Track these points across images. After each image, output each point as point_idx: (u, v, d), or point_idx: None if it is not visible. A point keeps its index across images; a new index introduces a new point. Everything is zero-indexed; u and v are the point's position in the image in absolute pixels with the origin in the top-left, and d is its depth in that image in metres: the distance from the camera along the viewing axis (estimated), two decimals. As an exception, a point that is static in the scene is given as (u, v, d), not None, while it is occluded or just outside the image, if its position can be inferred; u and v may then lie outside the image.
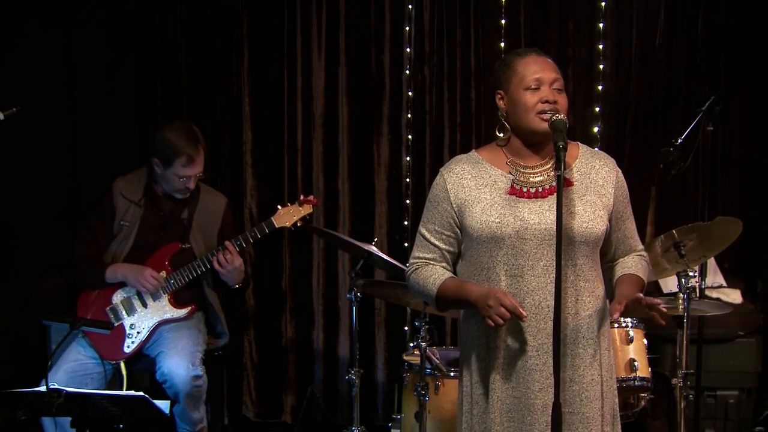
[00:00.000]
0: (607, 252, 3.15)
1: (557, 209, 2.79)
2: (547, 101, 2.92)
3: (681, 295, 4.40)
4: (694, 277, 4.46)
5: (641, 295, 2.89)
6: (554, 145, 2.86)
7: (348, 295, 4.70)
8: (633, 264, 3.12)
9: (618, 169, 3.10)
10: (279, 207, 4.71)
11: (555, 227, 2.83)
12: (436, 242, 3.06)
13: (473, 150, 3.15)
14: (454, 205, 3.01)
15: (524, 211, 2.95)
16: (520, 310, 2.82)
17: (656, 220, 5.86)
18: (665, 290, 5.41)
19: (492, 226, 2.93)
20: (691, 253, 4.42)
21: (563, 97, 2.97)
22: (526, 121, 2.96)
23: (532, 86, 2.93)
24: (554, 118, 2.90)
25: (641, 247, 3.20)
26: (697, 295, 4.69)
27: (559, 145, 2.84)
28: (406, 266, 3.19)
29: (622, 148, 5.88)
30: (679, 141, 4.72)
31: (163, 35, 5.93)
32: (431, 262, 3.07)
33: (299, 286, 6.07)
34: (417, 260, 3.11)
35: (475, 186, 3.00)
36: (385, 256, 4.72)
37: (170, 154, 4.61)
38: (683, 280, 4.38)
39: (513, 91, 2.98)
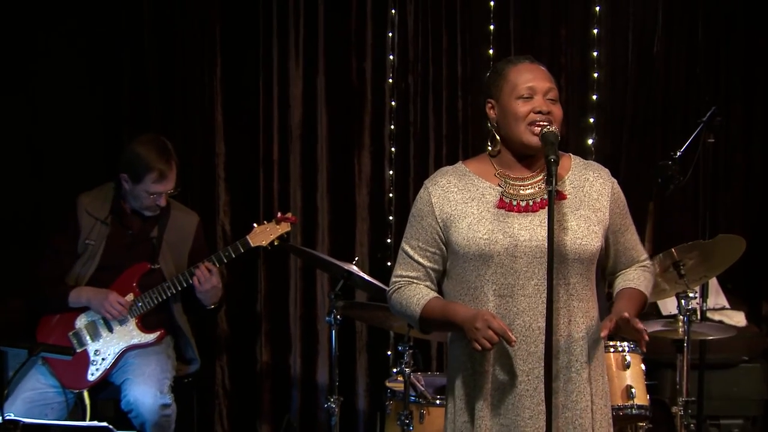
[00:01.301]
0: (608, 265, 3.15)
1: (548, 226, 2.78)
2: (540, 112, 2.91)
3: (681, 317, 4.41)
4: (695, 298, 4.46)
5: (627, 315, 2.88)
6: (545, 159, 2.87)
7: (327, 318, 4.67)
8: (635, 277, 3.11)
9: (613, 179, 3.09)
10: (255, 225, 4.70)
11: (544, 243, 2.82)
12: (420, 260, 3.04)
13: (460, 161, 3.09)
14: (440, 220, 2.99)
15: (514, 226, 2.93)
16: (509, 333, 2.79)
17: (654, 238, 5.87)
18: (664, 312, 5.42)
19: (480, 242, 2.90)
20: (692, 272, 4.43)
21: (558, 108, 2.97)
22: (517, 133, 2.95)
23: (525, 95, 2.93)
24: (545, 130, 2.90)
25: (645, 256, 3.19)
26: (699, 317, 4.68)
27: (550, 159, 2.83)
28: (388, 288, 3.14)
29: (618, 161, 5.90)
30: (678, 154, 4.74)
31: (130, 41, 5.89)
32: (414, 281, 3.05)
33: (275, 308, 6.04)
34: (399, 279, 3.05)
35: (462, 200, 2.98)
36: (366, 277, 4.69)
37: (141, 170, 4.60)
38: (683, 301, 4.38)
39: (504, 100, 2.97)
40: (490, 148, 3.06)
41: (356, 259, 5.04)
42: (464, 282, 2.97)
